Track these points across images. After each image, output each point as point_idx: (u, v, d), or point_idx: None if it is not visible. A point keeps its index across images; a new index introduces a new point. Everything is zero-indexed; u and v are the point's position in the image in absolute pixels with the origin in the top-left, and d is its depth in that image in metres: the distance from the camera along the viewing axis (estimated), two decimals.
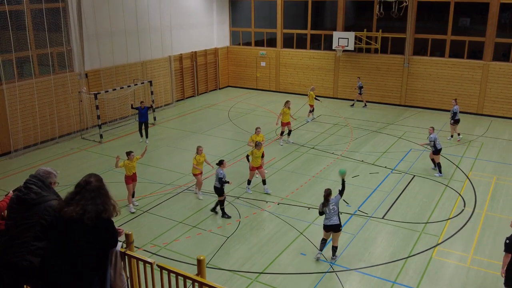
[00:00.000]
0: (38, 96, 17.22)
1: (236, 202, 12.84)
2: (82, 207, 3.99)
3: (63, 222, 4.07)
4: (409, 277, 9.47)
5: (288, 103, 17.47)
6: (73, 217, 3.99)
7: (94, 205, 4.02)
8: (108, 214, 4.08)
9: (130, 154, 12.19)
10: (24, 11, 16.49)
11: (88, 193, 4.07)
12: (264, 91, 26.67)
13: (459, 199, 12.96)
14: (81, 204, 4.01)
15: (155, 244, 10.76)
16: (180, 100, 24.55)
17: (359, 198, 13.02)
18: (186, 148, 17.28)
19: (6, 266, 4.38)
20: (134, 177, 12.35)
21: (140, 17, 21.20)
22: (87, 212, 3.97)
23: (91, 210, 3.99)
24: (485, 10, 20.80)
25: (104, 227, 4.10)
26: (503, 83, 20.72)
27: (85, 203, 4.01)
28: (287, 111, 17.18)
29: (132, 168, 12.21)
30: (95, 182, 4.15)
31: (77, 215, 3.97)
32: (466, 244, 10.72)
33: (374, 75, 23.54)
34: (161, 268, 4.52)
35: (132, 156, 12.18)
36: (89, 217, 3.97)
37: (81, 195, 4.07)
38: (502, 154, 16.45)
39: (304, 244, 10.71)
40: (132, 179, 12.27)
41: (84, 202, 4.02)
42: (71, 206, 4.03)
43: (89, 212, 3.98)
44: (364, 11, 24.88)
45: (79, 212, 3.97)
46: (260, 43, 26.97)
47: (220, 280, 9.32)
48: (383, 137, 18.37)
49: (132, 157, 12.18)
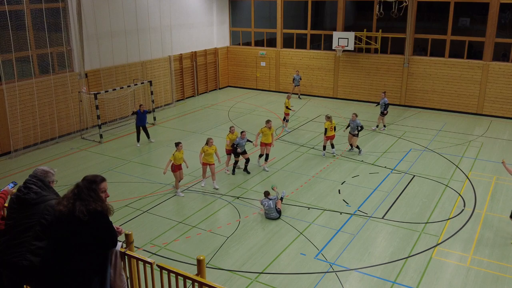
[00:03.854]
0: (38, 96, 17.22)
1: (236, 202, 12.84)
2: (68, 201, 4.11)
3: (58, 221, 4.13)
4: (409, 277, 9.47)
5: (269, 123, 14.97)
6: (61, 211, 4.07)
7: (81, 200, 4.11)
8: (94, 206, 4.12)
9: (179, 145, 13.04)
10: (24, 11, 16.49)
11: (77, 189, 4.19)
12: (264, 91, 26.68)
13: (459, 199, 12.96)
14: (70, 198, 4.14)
15: (155, 244, 10.76)
16: (180, 100, 24.56)
17: (359, 198, 13.02)
18: (186, 148, 17.23)
19: (6, 266, 4.39)
20: (180, 166, 13.16)
21: (140, 17, 21.20)
22: (76, 206, 4.06)
23: (78, 204, 4.09)
24: (485, 10, 20.80)
25: (100, 224, 4.12)
26: (502, 83, 20.72)
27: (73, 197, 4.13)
28: (267, 131, 14.82)
29: (180, 160, 13.03)
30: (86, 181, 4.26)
31: (65, 209, 4.07)
32: (466, 244, 10.72)
33: (374, 75, 23.55)
34: (161, 268, 4.52)
35: (180, 147, 13.04)
36: (80, 210, 4.03)
37: (72, 193, 4.18)
38: (502, 154, 16.44)
39: (304, 244, 10.71)
40: (178, 168, 13.08)
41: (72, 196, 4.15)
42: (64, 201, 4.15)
43: (78, 206, 4.07)
44: (364, 11, 24.89)
45: (67, 206, 4.07)
46: (260, 43, 26.97)
47: (220, 280, 9.32)
48: (383, 137, 18.38)
49: (180, 147, 13.04)
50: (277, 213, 11.78)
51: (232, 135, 14.52)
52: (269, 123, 14.93)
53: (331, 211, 12.27)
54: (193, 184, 14.02)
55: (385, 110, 18.80)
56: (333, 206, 12.55)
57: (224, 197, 13.17)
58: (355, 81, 24.08)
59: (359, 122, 16.16)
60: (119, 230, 4.44)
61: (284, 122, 19.31)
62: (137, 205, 12.66)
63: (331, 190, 13.53)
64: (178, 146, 13.02)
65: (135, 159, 16.13)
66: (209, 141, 13.37)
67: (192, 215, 12.14)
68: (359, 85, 24.03)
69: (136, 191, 13.44)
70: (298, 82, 24.42)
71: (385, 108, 18.76)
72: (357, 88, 24.12)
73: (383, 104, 18.74)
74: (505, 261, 10.04)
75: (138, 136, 17.47)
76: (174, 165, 12.93)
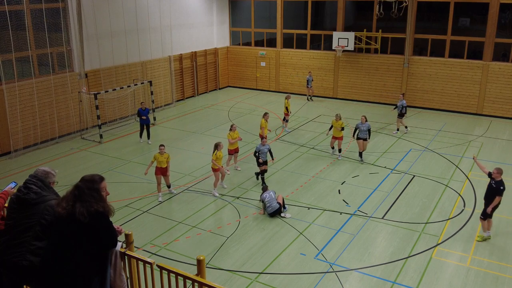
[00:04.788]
0: (38, 96, 17.22)
1: (236, 202, 12.84)
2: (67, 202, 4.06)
3: (58, 221, 4.11)
4: (409, 277, 9.47)
5: (266, 115, 16.03)
6: (60, 213, 4.03)
7: (82, 202, 4.05)
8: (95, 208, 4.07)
9: (160, 147, 12.61)
10: (24, 11, 16.50)
11: (77, 190, 4.12)
12: (264, 91, 26.68)
13: (459, 199, 12.96)
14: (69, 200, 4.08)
15: (155, 244, 10.76)
16: (180, 100, 24.56)
17: (359, 198, 13.02)
18: (186, 148, 17.29)
19: (6, 266, 4.39)
20: (164, 171, 12.65)
21: (140, 17, 21.20)
22: (75, 208, 4.01)
23: (79, 206, 4.02)
24: (485, 10, 20.80)
25: (100, 225, 4.11)
26: (502, 83, 20.72)
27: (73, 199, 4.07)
28: (265, 123, 15.78)
29: (162, 163, 12.54)
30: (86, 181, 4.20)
31: (64, 211, 4.02)
32: (466, 244, 10.72)
33: (374, 75, 23.55)
34: (161, 268, 4.52)
35: (162, 149, 12.57)
36: (80, 212, 3.99)
37: (72, 194, 4.12)
38: (502, 154, 16.45)
39: (304, 244, 10.71)
40: (161, 171, 12.61)
41: (72, 198, 4.08)
42: (63, 203, 4.08)
43: (78, 207, 4.01)
44: (364, 11, 24.89)
45: (66, 208, 4.01)
46: (260, 43, 26.98)
47: (220, 280, 9.32)
48: (383, 137, 18.37)
49: (162, 150, 12.56)
50: (277, 204, 11.80)
51: (233, 133, 14.50)
52: (266, 115, 16.04)
53: (331, 211, 12.27)
54: (193, 184, 14.02)
55: (404, 111, 18.22)
56: (333, 206, 12.55)
57: (224, 197, 13.17)
58: (355, 81, 24.08)
59: (369, 125, 15.40)
60: (119, 230, 4.44)
61: (284, 122, 19.29)
62: (137, 205, 12.66)
63: (331, 190, 13.53)
64: (160, 147, 12.70)
65: (135, 159, 16.12)
66: (219, 145, 13.00)
67: (192, 215, 12.14)
68: (359, 85, 24.03)
69: (136, 191, 13.44)
70: (310, 83, 24.01)
71: (403, 110, 18.19)
72: (357, 88, 24.12)
73: (400, 106, 18.19)
74: (505, 261, 10.04)
75: (141, 133, 17.93)
76: (156, 167, 12.64)
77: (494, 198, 10.40)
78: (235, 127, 14.67)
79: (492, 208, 10.49)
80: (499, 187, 10.34)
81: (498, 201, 10.45)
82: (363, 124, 15.32)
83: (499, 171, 10.40)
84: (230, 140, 14.43)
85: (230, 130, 14.60)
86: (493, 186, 10.45)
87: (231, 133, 14.50)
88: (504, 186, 10.38)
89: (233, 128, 14.61)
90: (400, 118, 18.45)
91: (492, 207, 10.48)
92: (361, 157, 15.66)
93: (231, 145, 14.55)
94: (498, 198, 10.40)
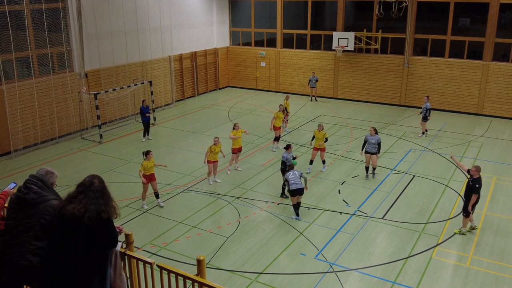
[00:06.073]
0: (38, 96, 17.22)
1: (236, 202, 12.84)
2: (84, 206, 4.02)
3: (63, 221, 4.08)
4: (409, 277, 9.47)
5: (281, 106, 17.10)
6: (74, 214, 4.00)
7: (97, 205, 4.04)
8: (108, 214, 4.11)
9: (148, 154, 12.12)
10: (24, 11, 16.49)
11: (92, 193, 4.10)
12: (264, 91, 26.68)
13: (459, 199, 12.96)
14: (83, 202, 4.04)
15: (155, 244, 10.76)
16: (180, 100, 24.55)
17: (359, 198, 13.02)
18: (186, 148, 17.29)
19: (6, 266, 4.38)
20: (152, 177, 12.26)
21: (140, 17, 21.20)
22: (88, 211, 3.99)
23: (93, 209, 4.01)
24: (485, 10, 20.80)
25: (103, 227, 4.11)
26: (502, 83, 20.72)
27: (88, 202, 4.04)
28: (281, 115, 16.74)
29: (150, 169, 12.13)
30: (99, 183, 4.20)
31: (78, 213, 3.99)
32: (466, 244, 10.72)
33: (374, 75, 23.55)
34: (161, 268, 4.52)
35: (150, 156, 12.12)
36: (89, 216, 3.98)
37: (84, 194, 4.09)
38: (501, 154, 16.45)
39: (304, 244, 10.71)
40: (148, 178, 12.20)
41: (87, 201, 4.05)
42: (73, 204, 4.05)
43: (90, 211, 4.00)
44: (364, 11, 24.89)
45: (81, 210, 3.99)
46: (260, 43, 26.97)
47: (220, 280, 9.32)
48: (383, 137, 18.29)
49: (150, 156, 12.11)
50: (301, 183, 11.54)
51: (236, 132, 14.64)
52: (281, 106, 17.10)
53: (331, 211, 12.27)
54: (193, 184, 14.02)
55: (428, 115, 17.85)
56: (333, 206, 12.55)
57: (224, 197, 13.17)
58: (355, 81, 24.08)
59: (379, 138, 14.06)
60: (119, 229, 4.44)
61: (284, 123, 19.28)
62: (137, 205, 12.66)
63: (331, 190, 13.53)
64: (148, 155, 12.10)
65: (135, 159, 16.11)
66: (216, 140, 13.55)
67: (192, 215, 12.13)
68: (359, 85, 24.02)
69: (136, 191, 13.43)
70: (314, 83, 23.77)
71: (427, 113, 17.82)
72: (357, 88, 24.12)
73: (424, 109, 17.84)
74: (505, 261, 10.04)
75: (144, 132, 18.11)
76: (144, 175, 12.12)
77: (471, 195, 10.56)
78: (238, 126, 14.77)
79: (472, 205, 10.66)
80: (475, 185, 10.51)
81: (476, 199, 10.57)
82: (372, 137, 13.96)
83: (477, 169, 10.56)
84: (232, 136, 14.57)
85: (233, 129, 14.74)
86: (469, 183, 10.63)
87: (234, 132, 14.66)
88: (481, 183, 10.55)
89: (236, 127, 14.71)
90: (424, 121, 18.03)
91: (471, 204, 10.64)
92: (367, 172, 14.29)
93: (235, 143, 14.62)
94: (474, 197, 10.54)
